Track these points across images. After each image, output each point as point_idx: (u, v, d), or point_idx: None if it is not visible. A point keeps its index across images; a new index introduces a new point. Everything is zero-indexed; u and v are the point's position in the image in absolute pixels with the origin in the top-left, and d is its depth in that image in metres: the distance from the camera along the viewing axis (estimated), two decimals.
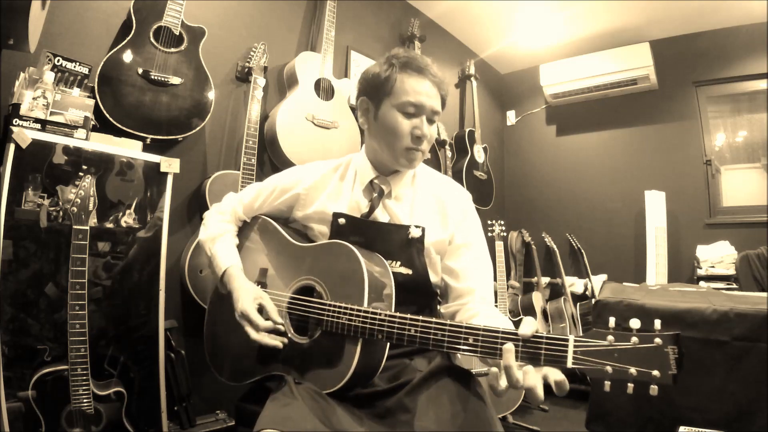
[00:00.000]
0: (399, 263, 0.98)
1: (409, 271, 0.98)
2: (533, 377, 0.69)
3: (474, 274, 1.03)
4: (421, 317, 0.81)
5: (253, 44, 2.05)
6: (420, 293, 1.03)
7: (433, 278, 1.03)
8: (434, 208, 1.05)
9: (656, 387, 0.63)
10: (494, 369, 0.74)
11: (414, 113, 0.98)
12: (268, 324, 0.94)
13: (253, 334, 0.93)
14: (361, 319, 0.85)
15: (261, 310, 0.96)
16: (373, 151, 1.06)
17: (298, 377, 0.91)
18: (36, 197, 1.35)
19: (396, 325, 0.82)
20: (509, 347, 0.71)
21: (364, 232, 0.99)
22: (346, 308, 0.87)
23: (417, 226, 0.99)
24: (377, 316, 0.84)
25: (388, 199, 1.05)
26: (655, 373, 0.62)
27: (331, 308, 0.89)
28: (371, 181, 1.05)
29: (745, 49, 3.05)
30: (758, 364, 1.49)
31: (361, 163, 1.08)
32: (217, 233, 1.11)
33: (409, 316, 0.82)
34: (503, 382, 0.72)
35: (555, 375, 0.69)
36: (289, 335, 0.95)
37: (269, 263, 1.07)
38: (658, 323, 0.64)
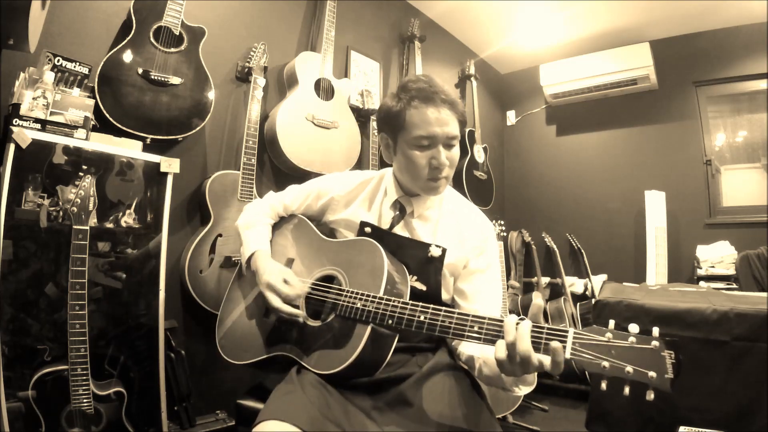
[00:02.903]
0: (415, 278, 1.00)
1: (424, 288, 1.00)
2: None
3: (483, 297, 1.05)
4: (431, 305, 0.84)
5: (253, 44, 2.05)
6: None
7: (444, 296, 1.05)
8: (456, 232, 1.07)
9: (653, 392, 0.62)
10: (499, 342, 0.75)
11: (428, 145, 0.98)
12: (294, 292, 0.99)
13: (276, 302, 0.98)
14: (375, 303, 0.89)
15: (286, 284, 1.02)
16: (399, 176, 1.10)
17: (303, 357, 0.94)
18: (36, 197, 1.35)
19: (407, 311, 0.85)
20: (526, 325, 0.72)
21: (387, 243, 1.01)
22: (362, 293, 0.91)
23: (438, 246, 1.00)
24: (390, 302, 0.87)
25: (412, 218, 1.08)
26: (651, 374, 0.62)
27: (348, 293, 0.93)
28: (396, 200, 1.09)
29: (745, 49, 3.05)
30: (758, 364, 1.49)
31: (391, 181, 1.12)
32: (253, 222, 1.19)
33: (420, 303, 0.85)
34: (502, 353, 0.73)
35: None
36: (302, 318, 0.99)
37: (296, 254, 1.14)
38: (656, 330, 0.64)
